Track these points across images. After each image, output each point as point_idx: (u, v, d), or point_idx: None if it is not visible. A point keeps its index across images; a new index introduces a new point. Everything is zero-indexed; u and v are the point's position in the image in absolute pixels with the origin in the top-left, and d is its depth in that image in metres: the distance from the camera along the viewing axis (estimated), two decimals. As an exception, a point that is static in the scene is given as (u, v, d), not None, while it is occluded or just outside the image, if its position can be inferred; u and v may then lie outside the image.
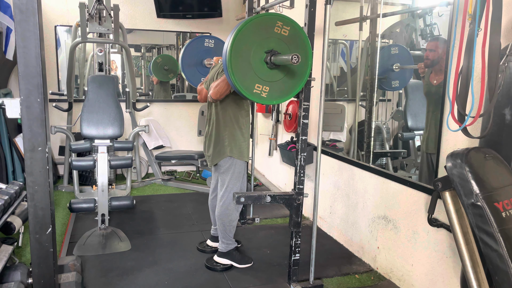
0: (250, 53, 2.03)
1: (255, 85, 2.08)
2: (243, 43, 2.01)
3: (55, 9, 4.84)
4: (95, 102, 3.43)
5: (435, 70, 2.54)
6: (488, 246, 1.69)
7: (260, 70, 2.07)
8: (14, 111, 1.63)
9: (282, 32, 2.05)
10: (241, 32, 2.00)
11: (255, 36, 2.03)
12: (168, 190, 4.75)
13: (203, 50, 3.61)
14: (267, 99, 2.14)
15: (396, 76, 2.96)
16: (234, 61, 2.00)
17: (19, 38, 1.53)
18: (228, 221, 2.81)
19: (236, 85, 2.04)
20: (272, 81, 2.11)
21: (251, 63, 2.04)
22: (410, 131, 2.91)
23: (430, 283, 2.47)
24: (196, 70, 3.60)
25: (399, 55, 2.95)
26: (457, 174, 1.79)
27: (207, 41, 3.61)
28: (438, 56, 2.51)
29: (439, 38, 2.63)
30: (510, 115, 1.79)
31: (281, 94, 2.18)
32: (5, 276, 1.90)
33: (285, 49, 2.08)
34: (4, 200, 2.04)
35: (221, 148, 2.75)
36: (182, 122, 5.54)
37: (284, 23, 2.05)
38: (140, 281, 2.69)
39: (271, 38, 2.04)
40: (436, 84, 2.48)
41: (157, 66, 5.44)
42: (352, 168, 3.23)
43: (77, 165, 3.35)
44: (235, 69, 2.01)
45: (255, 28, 2.03)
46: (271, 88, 2.12)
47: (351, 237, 3.26)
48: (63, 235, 3.36)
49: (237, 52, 2.01)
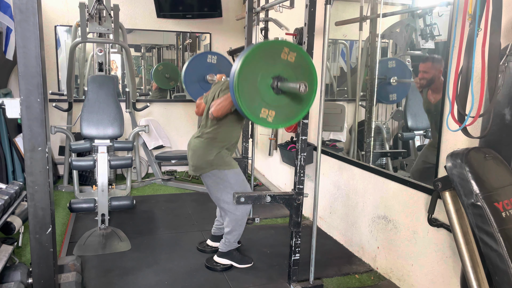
0: (257, 78, 2.05)
1: (261, 110, 2.10)
2: (250, 68, 2.03)
3: (55, 9, 4.84)
4: (95, 102, 3.42)
5: (432, 89, 2.55)
6: (488, 246, 1.69)
7: (267, 95, 2.08)
8: (14, 111, 1.63)
9: (288, 58, 2.07)
10: (249, 58, 2.02)
11: (263, 62, 2.05)
12: (168, 190, 4.75)
13: (205, 66, 3.63)
14: (273, 124, 2.16)
15: (394, 89, 2.97)
16: (241, 86, 2.02)
17: (19, 38, 1.53)
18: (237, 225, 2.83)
19: (242, 110, 2.06)
20: (278, 105, 2.12)
21: (258, 88, 2.06)
22: (410, 131, 2.91)
23: (430, 283, 2.47)
24: (199, 86, 3.62)
25: (396, 68, 2.96)
26: (457, 174, 1.79)
27: (209, 57, 3.64)
28: (432, 76, 2.53)
29: (431, 58, 2.65)
30: (510, 115, 1.79)
31: (286, 118, 2.19)
32: (5, 276, 1.90)
33: (291, 74, 2.09)
34: (4, 200, 2.04)
35: (206, 162, 2.74)
36: (182, 122, 5.54)
37: (291, 49, 2.07)
38: (140, 281, 2.69)
39: (277, 64, 2.06)
40: (434, 103, 2.50)
41: (158, 73, 5.47)
42: (352, 168, 3.23)
43: (77, 165, 3.35)
44: (242, 94, 2.03)
45: (262, 54, 2.05)
46: (277, 113, 2.14)
47: (351, 237, 3.26)
48: (63, 235, 3.36)
49: (245, 77, 2.02)
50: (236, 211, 2.77)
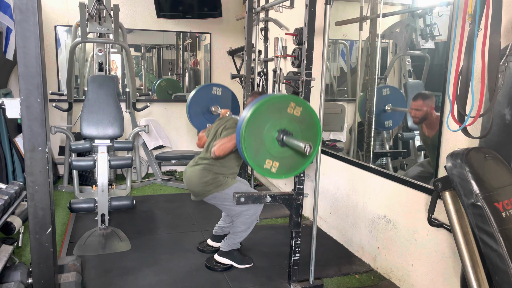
0: (263, 131, 2.09)
1: (265, 161, 2.14)
2: (257, 121, 2.07)
3: (55, 9, 4.84)
4: (95, 102, 3.42)
5: (426, 124, 2.59)
6: (488, 246, 1.69)
7: (272, 147, 2.13)
8: (14, 111, 1.63)
9: (294, 112, 2.12)
10: (256, 111, 2.06)
11: (270, 116, 2.09)
12: (168, 190, 4.75)
13: (210, 98, 3.68)
14: (276, 174, 2.20)
15: (389, 116, 2.99)
16: (248, 138, 2.06)
17: (19, 38, 1.53)
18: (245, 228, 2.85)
19: (247, 160, 2.10)
20: (282, 157, 2.17)
21: (263, 140, 2.10)
22: (410, 131, 2.91)
23: (430, 283, 2.47)
24: (203, 118, 3.68)
25: (390, 96, 2.98)
26: (457, 174, 1.79)
27: (215, 89, 3.70)
28: (425, 114, 2.57)
29: (421, 95, 2.67)
30: (510, 115, 1.79)
31: (289, 169, 2.23)
32: (5, 276, 1.90)
33: (296, 128, 2.14)
34: (4, 200, 2.04)
35: (203, 189, 2.78)
36: (182, 122, 5.54)
37: (297, 104, 2.12)
38: (140, 281, 2.69)
39: (284, 118, 2.11)
40: (430, 137, 2.52)
41: (161, 88, 5.55)
42: (352, 168, 3.23)
43: (77, 165, 3.35)
44: (248, 146, 2.07)
45: (270, 108, 2.09)
46: (280, 164, 2.18)
47: (351, 237, 3.26)
48: (63, 235, 3.36)
49: (252, 129, 2.07)
50: (246, 214, 2.80)
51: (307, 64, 2.37)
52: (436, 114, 2.42)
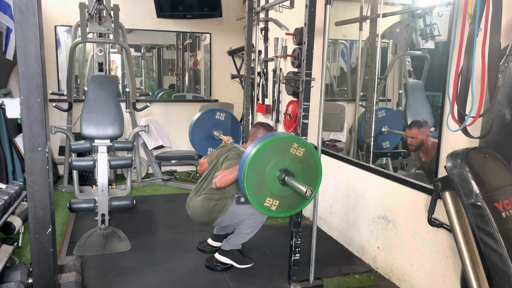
0: (265, 169, 2.12)
1: (266, 199, 2.16)
2: (260, 160, 2.10)
3: (55, 9, 4.84)
4: (95, 102, 3.42)
5: (423, 151, 2.62)
6: (488, 246, 1.69)
7: (273, 185, 2.15)
8: (14, 111, 1.63)
9: (297, 153, 2.15)
10: (260, 151, 2.09)
11: (272, 155, 2.11)
12: (168, 190, 4.75)
13: (213, 123, 3.72)
14: (275, 212, 2.22)
15: (386, 137, 3.02)
16: (250, 176, 2.09)
17: (19, 38, 1.53)
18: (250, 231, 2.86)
19: (248, 198, 2.13)
20: (283, 195, 2.19)
21: (265, 179, 2.13)
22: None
23: (430, 283, 2.47)
24: (205, 143, 3.73)
25: (385, 117, 3.01)
26: (457, 174, 1.79)
27: (218, 114, 3.72)
28: (420, 141, 2.61)
29: (415, 123, 2.70)
30: (510, 115, 1.79)
31: (289, 208, 2.25)
32: (5, 276, 1.90)
33: (298, 168, 2.16)
34: (4, 200, 2.04)
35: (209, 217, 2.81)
36: (182, 122, 5.54)
37: (300, 145, 2.15)
38: (140, 281, 2.69)
39: (286, 158, 2.13)
40: (427, 162, 2.54)
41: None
42: (352, 168, 3.23)
43: (77, 165, 3.34)
44: (250, 184, 2.10)
45: (273, 148, 2.11)
46: (280, 202, 2.20)
47: (351, 237, 3.26)
48: (63, 235, 3.36)
49: (254, 168, 2.09)
50: (253, 218, 2.82)
51: (307, 64, 2.37)
52: (432, 141, 2.45)
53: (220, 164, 2.85)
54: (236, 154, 2.83)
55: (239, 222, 2.84)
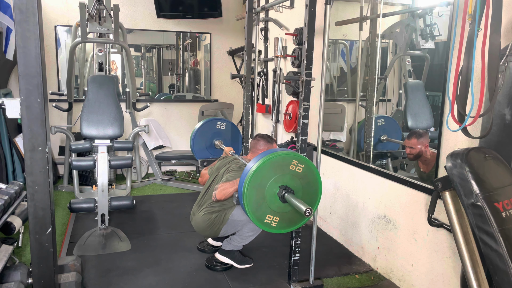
0: (265, 186, 2.13)
1: (266, 216, 2.17)
2: (260, 178, 2.11)
3: (55, 9, 4.84)
4: (95, 102, 3.42)
5: (421, 161, 2.63)
6: (488, 246, 1.69)
7: (273, 202, 2.16)
8: (14, 111, 1.63)
9: (296, 169, 2.16)
10: (260, 168, 2.10)
11: (272, 173, 2.12)
12: (168, 190, 4.75)
13: (214, 132, 3.75)
14: (275, 228, 2.23)
15: (385, 146, 3.02)
16: (250, 194, 2.10)
17: (19, 38, 1.53)
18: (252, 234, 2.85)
19: (248, 215, 2.14)
20: (283, 212, 2.19)
21: (265, 195, 2.14)
22: (410, 131, 2.91)
23: (430, 283, 2.47)
24: (207, 152, 3.74)
25: (385, 126, 3.02)
26: (457, 174, 1.79)
27: (219, 123, 3.75)
28: (419, 151, 2.61)
29: (415, 134, 2.71)
30: (510, 115, 1.79)
31: (289, 224, 2.25)
32: (5, 276, 1.90)
33: (298, 184, 2.17)
34: (4, 200, 2.04)
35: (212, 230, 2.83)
36: (182, 122, 5.54)
37: (299, 162, 2.15)
38: (140, 281, 2.69)
39: (286, 175, 2.14)
40: (426, 172, 2.55)
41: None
42: (352, 168, 3.23)
43: (77, 165, 3.34)
44: (250, 201, 2.11)
45: (273, 165, 2.12)
46: (280, 219, 2.21)
47: (351, 237, 3.26)
48: (63, 235, 3.36)
49: (254, 186, 2.11)
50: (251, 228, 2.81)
51: (307, 64, 2.37)
52: (431, 152, 2.46)
53: (221, 176, 2.86)
54: (237, 167, 2.85)
55: (244, 227, 2.85)
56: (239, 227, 2.83)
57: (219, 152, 3.63)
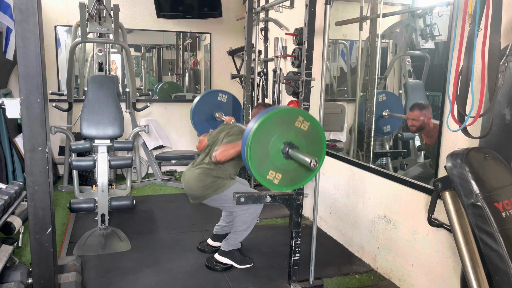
0: (269, 141, 2.10)
1: (269, 172, 2.15)
2: (264, 132, 2.08)
3: (55, 9, 4.84)
4: (95, 102, 3.42)
5: (425, 133, 2.61)
6: (488, 246, 1.69)
7: (276, 158, 2.13)
8: (14, 111, 1.63)
9: (302, 126, 2.13)
10: (264, 122, 2.07)
11: (277, 128, 2.10)
12: (168, 190, 4.75)
13: (215, 104, 3.70)
14: (278, 186, 2.20)
15: (387, 121, 3.00)
16: (253, 148, 2.07)
17: (19, 38, 1.53)
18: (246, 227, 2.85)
19: (251, 170, 2.11)
20: (286, 169, 2.17)
21: (268, 151, 2.11)
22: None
23: (430, 283, 2.47)
24: (207, 124, 3.72)
25: (386, 101, 2.99)
26: (457, 174, 1.79)
27: (221, 95, 3.71)
28: (422, 123, 2.59)
29: (418, 105, 2.69)
30: (510, 115, 1.79)
31: (292, 182, 2.23)
32: (5, 276, 1.90)
33: (302, 142, 2.14)
34: (4, 200, 2.04)
35: (202, 192, 2.78)
36: (182, 122, 5.54)
37: (305, 119, 2.13)
38: (140, 281, 2.69)
39: (291, 131, 2.12)
40: (430, 144, 2.53)
41: (163, 91, 5.55)
42: (352, 168, 3.22)
43: (77, 165, 3.34)
44: (253, 155, 2.08)
45: (278, 120, 2.10)
46: (283, 176, 2.18)
47: (351, 237, 3.26)
48: (63, 235, 3.36)
49: (258, 140, 2.08)
50: (245, 213, 2.80)
51: (307, 64, 2.37)
52: (433, 123, 2.44)
53: (221, 140, 2.82)
54: (239, 131, 2.80)
55: (229, 209, 2.82)
56: (226, 205, 2.79)
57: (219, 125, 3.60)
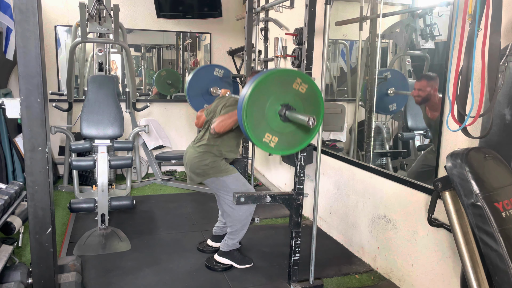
0: (266, 103, 2.08)
1: (265, 134, 2.12)
2: (261, 93, 2.05)
3: (55, 9, 4.84)
4: (95, 102, 3.42)
5: (429, 106, 2.58)
6: (488, 246, 1.69)
7: (273, 120, 2.11)
8: (14, 111, 1.63)
9: (299, 89, 2.10)
10: (261, 83, 2.04)
11: (274, 89, 2.07)
12: (168, 190, 4.75)
13: (211, 79, 3.64)
14: (274, 149, 2.18)
15: (393, 99, 2.98)
16: (250, 109, 2.04)
17: (19, 38, 1.53)
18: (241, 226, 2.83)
19: (247, 132, 2.08)
20: (282, 132, 2.15)
21: (265, 112, 2.09)
22: (410, 131, 2.91)
23: (430, 283, 2.47)
24: (202, 99, 3.66)
25: (391, 79, 2.96)
26: (457, 174, 1.79)
27: (217, 70, 3.66)
28: (428, 94, 2.57)
29: (425, 76, 2.67)
30: (510, 115, 1.79)
31: (288, 146, 2.21)
32: (5, 276, 1.90)
33: (299, 105, 2.12)
34: (4, 200, 2.04)
35: (203, 171, 2.77)
36: (182, 122, 5.54)
37: (303, 81, 2.10)
38: (140, 281, 2.69)
39: (288, 93, 2.09)
40: (433, 119, 2.51)
41: (160, 79, 5.46)
42: (352, 168, 3.22)
43: (77, 165, 3.34)
44: (249, 117, 2.05)
45: (275, 81, 2.07)
46: (280, 139, 2.16)
47: (351, 237, 3.26)
48: (63, 235, 3.36)
49: (254, 101, 2.05)
50: (239, 211, 2.78)
51: (307, 64, 2.37)
52: (438, 96, 2.40)
53: (218, 113, 2.80)
54: (235, 102, 2.77)
55: (222, 200, 2.80)
56: (221, 194, 2.78)
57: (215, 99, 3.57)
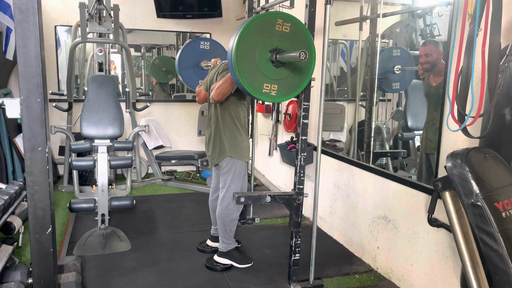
0: (255, 54, 2.05)
1: (263, 85, 2.10)
2: (246, 45, 2.03)
3: (55, 9, 4.84)
4: (95, 102, 3.42)
5: (434, 72, 2.55)
6: (488, 246, 1.69)
7: (267, 69, 2.09)
8: (14, 111, 1.63)
9: (283, 29, 2.07)
10: (243, 34, 2.01)
11: (258, 37, 2.04)
12: (168, 190, 4.75)
13: (199, 53, 3.63)
14: (276, 97, 2.16)
15: (397, 78, 2.96)
16: (240, 64, 2.01)
17: (19, 38, 1.53)
18: (228, 220, 2.81)
19: (245, 88, 2.06)
20: (280, 78, 2.13)
21: (257, 63, 2.06)
22: (410, 131, 2.91)
23: (430, 283, 2.47)
24: (193, 73, 3.63)
25: (400, 57, 2.95)
26: (457, 174, 1.79)
27: (202, 43, 3.65)
28: (435, 59, 2.54)
29: (431, 41, 2.64)
30: (510, 115, 1.79)
31: (289, 90, 2.20)
32: (5, 276, 1.90)
33: (288, 45, 2.09)
34: (4, 200, 2.04)
35: (222, 149, 2.77)
36: (182, 122, 5.54)
37: (284, 20, 2.07)
38: (140, 281, 2.69)
39: (273, 37, 2.06)
40: (435, 86, 2.49)
41: (155, 67, 5.44)
42: (352, 168, 3.23)
43: (77, 165, 3.34)
44: (242, 72, 2.03)
45: (256, 28, 2.04)
46: (279, 86, 2.14)
47: (351, 237, 3.26)
48: (63, 235, 3.36)
49: (242, 54, 2.02)
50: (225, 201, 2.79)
51: (307, 64, 2.37)
52: (443, 62, 2.39)
53: (215, 81, 2.78)
54: (227, 65, 2.73)
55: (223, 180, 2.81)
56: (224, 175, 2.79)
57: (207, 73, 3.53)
